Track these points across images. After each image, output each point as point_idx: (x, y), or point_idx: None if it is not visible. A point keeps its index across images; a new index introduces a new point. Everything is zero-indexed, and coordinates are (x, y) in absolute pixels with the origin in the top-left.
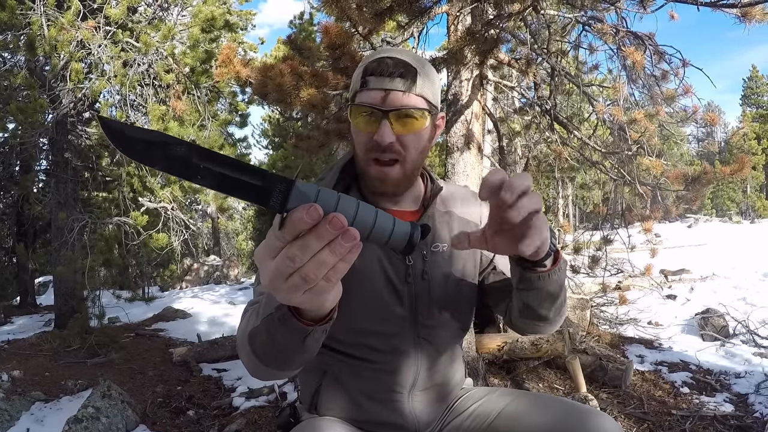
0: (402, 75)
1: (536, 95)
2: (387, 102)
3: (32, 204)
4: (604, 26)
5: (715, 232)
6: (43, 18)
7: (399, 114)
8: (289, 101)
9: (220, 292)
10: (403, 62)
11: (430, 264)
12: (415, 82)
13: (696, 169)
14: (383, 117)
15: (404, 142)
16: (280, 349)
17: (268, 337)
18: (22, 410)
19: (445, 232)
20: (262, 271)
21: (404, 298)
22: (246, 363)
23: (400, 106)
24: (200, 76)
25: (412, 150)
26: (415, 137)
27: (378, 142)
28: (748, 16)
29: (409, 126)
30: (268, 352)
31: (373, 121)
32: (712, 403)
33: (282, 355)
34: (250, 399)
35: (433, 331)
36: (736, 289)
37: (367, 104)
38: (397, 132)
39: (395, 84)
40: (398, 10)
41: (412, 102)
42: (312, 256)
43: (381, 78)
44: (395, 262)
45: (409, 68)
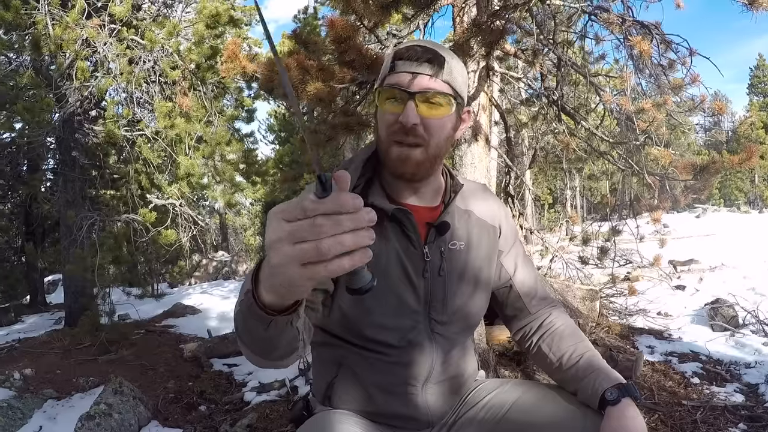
0: (430, 60)
1: (543, 86)
2: (414, 84)
3: (41, 203)
4: (610, 16)
5: (723, 222)
6: (48, 17)
7: (425, 96)
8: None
9: (229, 287)
10: (432, 50)
11: (447, 260)
12: (442, 68)
13: (704, 159)
14: (409, 98)
15: (428, 125)
16: (251, 333)
17: (244, 321)
18: (34, 408)
19: (463, 231)
20: (274, 226)
21: (420, 292)
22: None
23: (426, 89)
24: (206, 72)
25: (436, 135)
26: (439, 122)
27: (403, 123)
28: (755, 4)
29: (434, 110)
30: (245, 335)
31: (399, 103)
32: (723, 393)
33: (255, 340)
34: (262, 393)
35: (446, 326)
36: (745, 279)
37: (395, 85)
38: (422, 114)
39: (423, 68)
40: (404, 2)
41: (438, 86)
42: (336, 234)
43: (409, 62)
44: (413, 257)
45: (437, 55)
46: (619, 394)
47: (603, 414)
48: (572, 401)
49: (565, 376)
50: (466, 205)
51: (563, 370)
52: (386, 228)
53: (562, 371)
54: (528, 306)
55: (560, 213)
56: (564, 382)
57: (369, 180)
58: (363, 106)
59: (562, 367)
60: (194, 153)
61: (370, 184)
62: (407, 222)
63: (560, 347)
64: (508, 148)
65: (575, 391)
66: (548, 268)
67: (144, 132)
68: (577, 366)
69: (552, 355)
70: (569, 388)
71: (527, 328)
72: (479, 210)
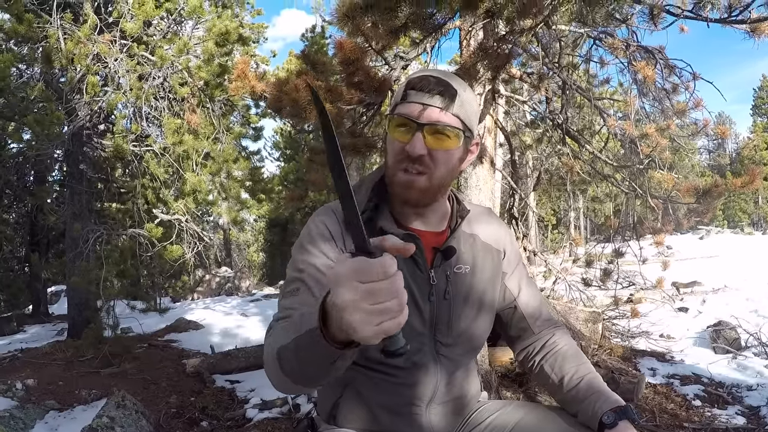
0: (441, 93)
1: (548, 109)
2: (423, 116)
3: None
4: (615, 41)
5: (726, 243)
6: (60, 31)
7: (433, 129)
8: (304, 116)
9: (231, 303)
10: (445, 82)
11: (452, 284)
12: (453, 101)
13: (707, 181)
14: (418, 129)
15: (434, 156)
16: (309, 368)
17: (298, 356)
18: (36, 419)
19: (468, 255)
20: (349, 287)
21: (426, 315)
22: (272, 377)
23: (435, 121)
24: (215, 89)
25: (441, 166)
26: (446, 154)
27: (409, 153)
28: (757, 31)
29: (441, 142)
30: (297, 370)
31: (408, 132)
32: (724, 415)
33: (311, 374)
34: (264, 411)
35: (451, 348)
36: (748, 301)
37: (405, 115)
38: (429, 145)
39: (434, 100)
40: (412, 26)
41: (447, 120)
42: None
43: (421, 93)
44: (419, 280)
45: (449, 88)
46: (616, 417)
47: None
48: (574, 423)
49: (566, 397)
50: (471, 229)
51: (564, 391)
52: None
53: (564, 392)
54: (532, 327)
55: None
56: (565, 403)
57: (377, 205)
58: (370, 127)
59: (563, 388)
60: (201, 169)
61: (378, 209)
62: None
63: (562, 368)
64: (513, 170)
65: (576, 413)
66: (551, 289)
67: (152, 147)
68: (578, 388)
69: (554, 375)
70: (570, 409)
71: (530, 348)
72: (484, 234)
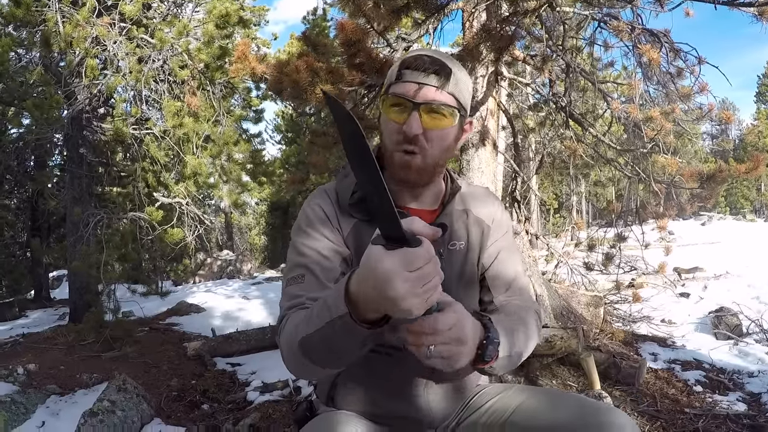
0: (437, 72)
1: (551, 92)
2: (419, 95)
3: (47, 199)
4: (619, 23)
5: (729, 230)
6: (59, 15)
7: (429, 107)
8: (304, 97)
9: (233, 286)
10: (439, 61)
11: (446, 261)
12: (448, 80)
13: (710, 167)
14: (414, 108)
15: (430, 136)
16: (338, 352)
17: (325, 344)
18: (37, 403)
19: (462, 231)
20: (400, 280)
21: None
22: (294, 367)
23: (431, 100)
24: (215, 72)
25: (437, 145)
26: (441, 134)
27: (406, 132)
28: (765, 15)
29: (437, 121)
30: (328, 356)
31: (404, 112)
32: (725, 402)
33: (343, 358)
34: (265, 393)
35: None
36: (749, 288)
37: (400, 95)
38: (425, 125)
39: (429, 79)
40: (414, 6)
41: (443, 98)
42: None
43: (416, 72)
44: None
45: (444, 67)
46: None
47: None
48: (576, 406)
49: None
50: (464, 205)
51: None
52: None
53: None
54: (495, 300)
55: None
56: None
57: None
58: (372, 109)
59: None
60: (202, 152)
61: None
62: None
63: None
64: (515, 153)
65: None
66: (553, 273)
67: (152, 130)
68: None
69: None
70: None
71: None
72: (477, 209)
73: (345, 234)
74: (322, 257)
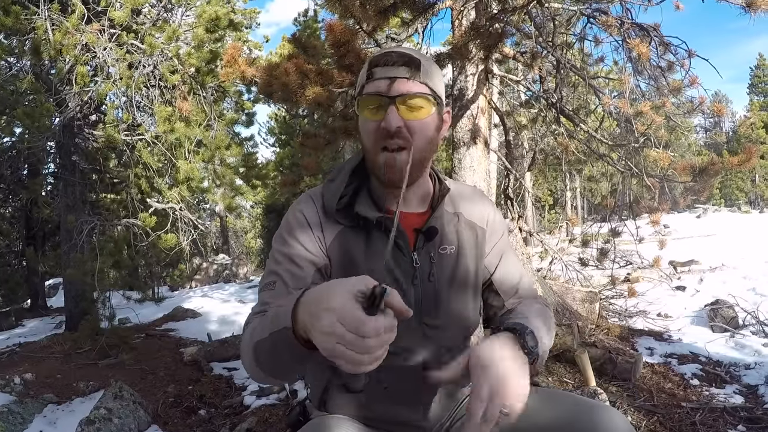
0: (406, 63)
1: (542, 88)
2: (393, 88)
3: (41, 207)
4: (608, 18)
5: (724, 222)
6: (48, 22)
7: (405, 99)
8: (294, 100)
9: (229, 290)
10: (407, 54)
11: (437, 266)
12: (419, 70)
13: (703, 160)
14: (390, 103)
15: (411, 128)
16: (281, 363)
17: (273, 351)
18: (34, 413)
19: (453, 235)
20: (329, 321)
21: (411, 299)
22: (248, 369)
23: (406, 92)
24: (206, 76)
25: (419, 137)
26: (422, 124)
27: (386, 128)
28: (753, 6)
29: (415, 112)
30: (271, 363)
31: (381, 109)
32: (722, 394)
33: (283, 368)
34: (261, 397)
35: (440, 330)
36: (745, 280)
37: (374, 93)
38: (404, 117)
39: (400, 71)
40: (402, 6)
41: (417, 88)
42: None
43: (386, 67)
44: (402, 263)
45: (412, 58)
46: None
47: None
48: (570, 405)
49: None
50: (455, 208)
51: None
52: (374, 236)
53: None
54: (506, 305)
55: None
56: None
57: (357, 188)
58: None
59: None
60: (194, 157)
61: (357, 193)
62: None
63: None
64: (508, 151)
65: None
66: (548, 269)
67: (144, 136)
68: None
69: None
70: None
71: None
72: (468, 212)
73: (328, 241)
74: (294, 265)
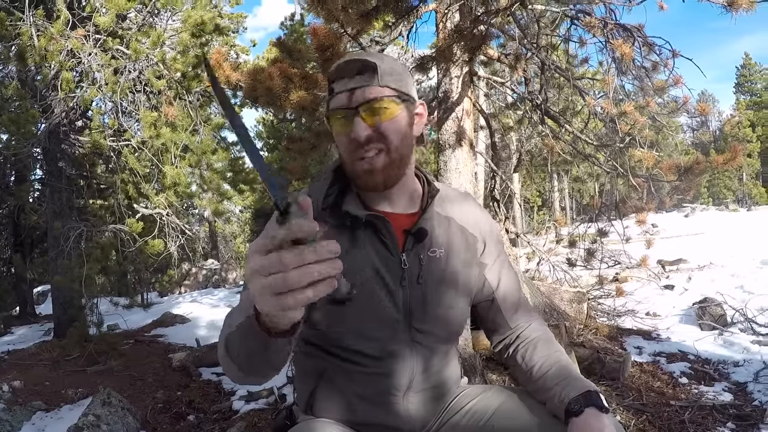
0: (360, 71)
1: (527, 90)
2: (353, 99)
3: (28, 214)
4: (592, 19)
5: (711, 220)
6: (33, 28)
7: (368, 107)
8: (279, 104)
9: (219, 295)
10: (359, 60)
11: (426, 268)
12: (375, 73)
13: (688, 160)
14: (354, 114)
15: (381, 130)
16: (249, 355)
17: (241, 343)
18: (23, 420)
19: (443, 238)
20: (250, 260)
21: (399, 301)
22: (224, 366)
23: (365, 100)
24: (191, 81)
25: (393, 137)
26: (392, 123)
27: (356, 138)
28: (735, 5)
29: (381, 115)
30: (241, 356)
31: (347, 122)
32: (711, 392)
33: (252, 362)
34: (250, 402)
35: (427, 335)
36: (733, 278)
37: (338, 108)
38: (371, 124)
39: (356, 81)
40: (384, 9)
41: (377, 93)
42: (301, 265)
43: (343, 81)
44: (390, 265)
45: (366, 63)
46: (582, 404)
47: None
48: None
49: (535, 386)
50: (445, 212)
51: (533, 380)
52: (361, 236)
53: (533, 381)
54: (508, 321)
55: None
56: (535, 392)
57: (343, 189)
58: None
59: (533, 376)
60: (180, 162)
61: (345, 193)
62: (383, 228)
63: (533, 357)
64: (494, 153)
65: (544, 402)
66: (536, 270)
67: (130, 142)
68: (546, 376)
69: (524, 364)
70: (539, 398)
71: (506, 340)
72: (459, 216)
73: None
74: None
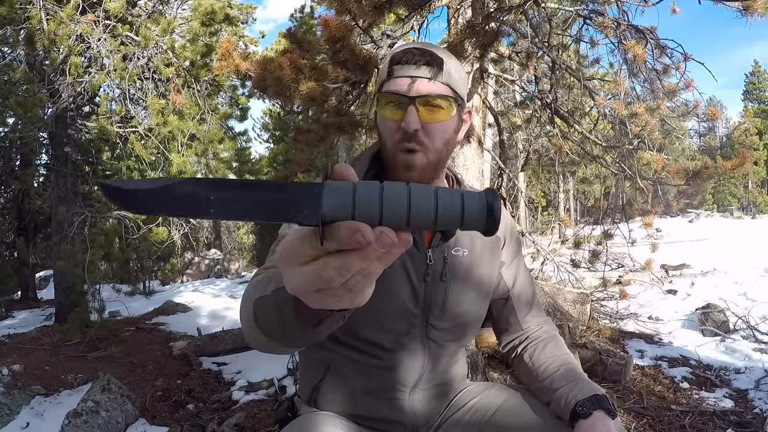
0: (428, 63)
1: (537, 89)
2: (413, 89)
3: (33, 198)
4: (605, 20)
5: (716, 227)
6: (43, 12)
7: (425, 101)
8: (288, 95)
9: (220, 285)
10: (429, 52)
11: (450, 266)
12: (441, 70)
13: (696, 164)
14: (410, 103)
15: (429, 130)
16: (288, 327)
17: (277, 313)
18: (22, 404)
19: (467, 238)
20: (291, 275)
21: (420, 296)
22: (246, 331)
23: (426, 93)
24: (200, 69)
25: (437, 139)
26: (441, 126)
27: (404, 129)
28: (750, 10)
29: (435, 114)
30: (275, 327)
31: (400, 109)
32: (712, 398)
33: (290, 334)
34: (250, 393)
35: (442, 332)
36: (736, 285)
37: (394, 91)
38: (423, 119)
39: (421, 71)
40: (398, 2)
41: (438, 90)
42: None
43: (407, 66)
44: (415, 259)
45: (435, 57)
46: (591, 406)
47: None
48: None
49: (540, 385)
50: None
51: (540, 379)
52: None
53: (539, 380)
54: (521, 321)
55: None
56: (540, 392)
57: (377, 175)
58: (356, 106)
59: (539, 376)
60: (187, 150)
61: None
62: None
63: (540, 356)
64: (501, 151)
65: (548, 401)
66: (540, 270)
67: (137, 129)
68: (552, 377)
69: (531, 364)
70: (543, 397)
71: (516, 340)
72: None
73: None
74: None
